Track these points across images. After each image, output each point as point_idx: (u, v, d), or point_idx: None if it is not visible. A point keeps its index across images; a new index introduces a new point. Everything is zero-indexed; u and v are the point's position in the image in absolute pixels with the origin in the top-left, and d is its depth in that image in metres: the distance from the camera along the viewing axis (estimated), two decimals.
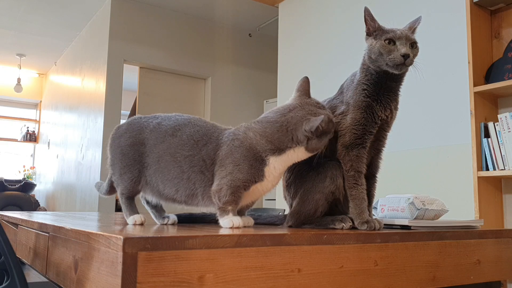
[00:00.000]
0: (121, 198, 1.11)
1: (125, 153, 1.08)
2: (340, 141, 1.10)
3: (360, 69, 1.15)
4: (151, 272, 0.69)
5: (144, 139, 1.08)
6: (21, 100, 7.87)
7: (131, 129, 1.11)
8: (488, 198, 2.30)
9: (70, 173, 5.77)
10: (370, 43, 1.12)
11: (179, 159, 1.03)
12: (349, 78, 1.18)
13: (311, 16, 3.84)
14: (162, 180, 1.05)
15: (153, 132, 1.08)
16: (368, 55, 1.12)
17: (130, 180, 1.08)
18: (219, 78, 5.31)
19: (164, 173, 1.04)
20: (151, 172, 1.06)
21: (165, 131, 1.07)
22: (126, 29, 4.79)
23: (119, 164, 1.09)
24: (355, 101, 1.11)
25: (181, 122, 1.08)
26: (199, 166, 1.02)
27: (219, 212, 1.00)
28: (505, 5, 2.46)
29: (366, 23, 1.13)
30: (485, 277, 1.14)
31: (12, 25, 5.64)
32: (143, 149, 1.08)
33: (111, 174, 1.16)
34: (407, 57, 1.06)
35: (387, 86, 1.12)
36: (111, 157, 1.12)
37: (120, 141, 1.10)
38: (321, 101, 1.21)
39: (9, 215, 1.55)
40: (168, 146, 1.05)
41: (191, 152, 1.02)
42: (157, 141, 1.06)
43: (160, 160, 1.05)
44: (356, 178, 1.08)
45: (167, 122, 1.09)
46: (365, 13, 1.12)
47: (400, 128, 2.77)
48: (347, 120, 1.11)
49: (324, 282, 0.86)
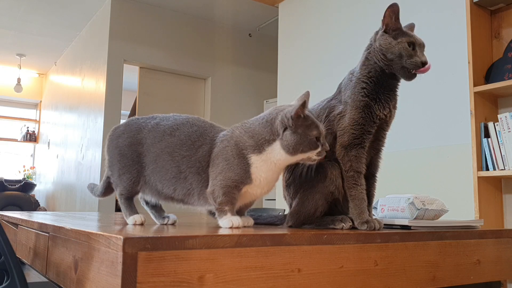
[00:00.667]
0: (120, 199, 1.11)
1: (123, 153, 1.08)
2: (339, 141, 1.10)
3: (361, 65, 1.13)
4: (151, 272, 0.69)
5: (142, 139, 1.08)
6: (21, 100, 7.87)
7: (128, 130, 1.11)
8: (488, 198, 2.30)
9: (70, 173, 5.77)
10: (388, 41, 1.08)
11: (177, 159, 1.03)
12: (346, 77, 1.17)
13: (311, 16, 3.84)
14: (160, 179, 1.05)
15: (151, 132, 1.08)
16: (382, 52, 1.08)
17: (129, 180, 1.08)
18: (219, 78, 5.31)
19: (162, 172, 1.05)
20: (149, 171, 1.06)
21: (163, 130, 1.07)
22: (126, 29, 4.79)
23: (118, 165, 1.09)
24: (353, 101, 1.10)
25: (180, 122, 1.08)
26: (195, 167, 1.02)
27: (217, 213, 1.00)
28: (505, 5, 2.46)
29: (386, 19, 1.10)
30: (485, 277, 1.14)
31: (12, 25, 5.64)
32: (141, 149, 1.08)
33: (106, 176, 1.17)
34: (425, 65, 1.06)
35: (387, 85, 1.11)
36: (109, 158, 1.12)
37: (118, 142, 1.10)
38: (320, 101, 1.21)
39: (9, 215, 1.55)
40: (167, 145, 1.05)
41: (188, 152, 1.03)
42: (155, 141, 1.06)
43: (158, 159, 1.05)
44: (356, 179, 1.08)
45: (165, 122, 1.09)
46: (392, 9, 1.08)
47: (400, 128, 2.77)
48: (345, 120, 1.10)
49: (324, 282, 0.86)
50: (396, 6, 1.09)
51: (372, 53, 1.11)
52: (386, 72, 1.10)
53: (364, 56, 1.13)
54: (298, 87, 3.87)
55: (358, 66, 1.14)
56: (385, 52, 1.08)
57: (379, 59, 1.09)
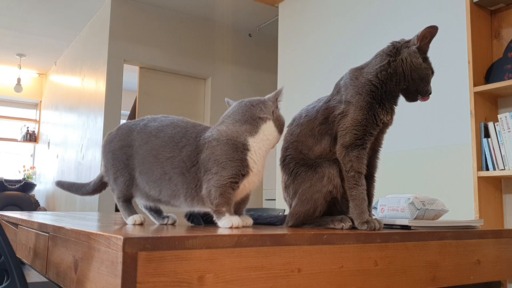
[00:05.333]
0: (118, 202, 1.12)
1: (116, 157, 1.09)
2: (340, 141, 1.10)
3: (378, 67, 1.11)
4: (151, 272, 0.69)
5: (132, 141, 1.09)
6: (21, 100, 7.87)
7: (120, 133, 1.12)
8: (488, 198, 2.30)
9: (70, 173, 5.77)
10: (419, 61, 1.10)
11: (161, 160, 1.03)
12: (347, 76, 1.15)
13: (311, 16, 3.84)
14: (147, 181, 1.06)
15: (139, 133, 1.09)
16: (411, 69, 1.09)
17: (123, 183, 1.09)
18: (219, 78, 5.31)
19: (148, 174, 1.05)
20: (137, 173, 1.07)
21: (150, 132, 1.08)
22: (126, 29, 4.79)
23: (112, 169, 1.10)
24: (357, 101, 1.09)
25: (165, 123, 1.08)
26: (180, 168, 1.02)
27: (215, 216, 1.00)
28: (505, 5, 2.46)
29: (422, 38, 1.10)
30: (485, 277, 1.14)
31: (12, 25, 5.64)
32: (130, 151, 1.08)
33: (100, 176, 1.18)
34: (429, 95, 1.13)
35: (393, 93, 1.12)
36: (104, 163, 1.14)
37: (111, 146, 1.11)
38: (315, 102, 1.20)
39: (9, 215, 1.55)
40: (152, 147, 1.05)
41: (172, 153, 1.03)
42: (142, 142, 1.07)
43: (145, 161, 1.06)
44: (356, 179, 1.08)
45: (152, 123, 1.10)
46: (431, 30, 1.10)
47: (400, 128, 2.77)
48: (347, 120, 1.09)
49: (324, 282, 0.86)
50: (436, 29, 1.10)
51: (398, 62, 1.11)
52: (399, 83, 1.11)
53: (386, 61, 1.11)
54: (298, 87, 3.87)
55: (372, 67, 1.12)
56: (413, 70, 1.10)
57: (406, 73, 1.10)
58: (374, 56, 1.16)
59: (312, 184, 1.09)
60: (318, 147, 1.13)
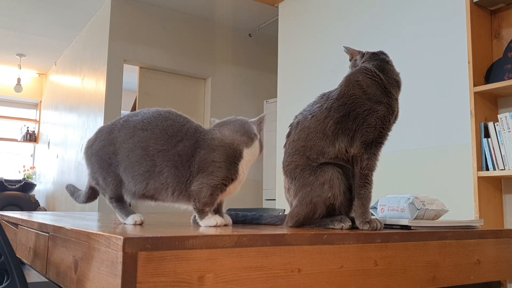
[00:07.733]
0: (111, 203, 1.11)
1: (100, 157, 1.09)
2: (363, 138, 1.09)
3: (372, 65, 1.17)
4: (151, 272, 0.69)
5: (113, 139, 1.08)
6: (21, 100, 7.87)
7: (100, 135, 1.12)
8: (488, 198, 2.30)
9: (70, 173, 5.77)
10: None
11: (151, 153, 1.03)
12: (358, 73, 1.15)
13: (311, 16, 3.84)
14: (132, 174, 1.04)
15: (121, 130, 1.08)
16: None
17: (112, 183, 1.08)
18: (219, 78, 5.30)
19: (135, 167, 1.04)
20: (122, 169, 1.06)
21: (134, 126, 1.07)
22: (126, 29, 4.79)
23: (99, 171, 1.09)
24: (380, 98, 1.11)
25: (151, 115, 1.08)
26: (173, 161, 1.02)
27: (198, 214, 1.03)
28: (505, 5, 2.46)
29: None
30: (485, 277, 1.14)
31: (12, 25, 5.63)
32: (113, 148, 1.07)
33: (88, 186, 1.18)
34: None
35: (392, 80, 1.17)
36: (91, 168, 1.13)
37: (92, 149, 1.11)
38: (318, 99, 1.19)
39: (9, 215, 1.55)
40: (139, 140, 1.04)
41: (165, 146, 1.03)
42: (126, 137, 1.06)
43: (131, 154, 1.04)
44: (368, 178, 1.09)
45: (134, 118, 1.09)
46: None
47: (400, 128, 2.76)
48: (373, 117, 1.09)
49: (324, 282, 0.86)
50: None
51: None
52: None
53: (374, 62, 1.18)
54: (298, 87, 3.87)
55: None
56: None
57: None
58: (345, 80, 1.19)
59: (312, 189, 1.09)
60: (331, 149, 1.09)
